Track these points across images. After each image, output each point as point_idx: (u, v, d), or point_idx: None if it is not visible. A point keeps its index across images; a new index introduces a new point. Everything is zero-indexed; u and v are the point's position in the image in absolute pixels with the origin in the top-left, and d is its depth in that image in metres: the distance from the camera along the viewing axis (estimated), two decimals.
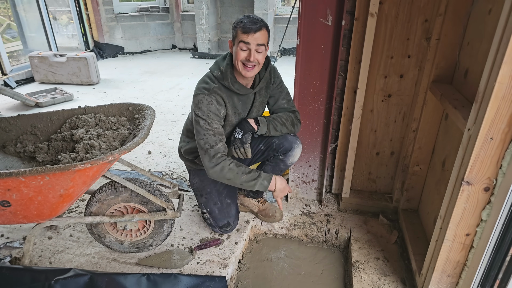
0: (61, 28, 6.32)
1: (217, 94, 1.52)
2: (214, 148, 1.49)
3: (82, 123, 1.67)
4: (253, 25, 1.41)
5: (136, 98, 4.18)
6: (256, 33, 1.42)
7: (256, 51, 1.45)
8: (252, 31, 1.40)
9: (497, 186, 1.09)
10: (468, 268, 1.25)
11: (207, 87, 1.52)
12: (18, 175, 1.17)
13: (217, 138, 1.50)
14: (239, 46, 1.44)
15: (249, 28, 1.40)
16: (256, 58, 1.46)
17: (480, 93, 1.04)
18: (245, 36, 1.42)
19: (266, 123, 1.64)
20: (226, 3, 6.45)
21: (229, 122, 1.60)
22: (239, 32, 1.43)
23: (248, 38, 1.42)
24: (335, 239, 1.92)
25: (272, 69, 1.67)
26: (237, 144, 1.61)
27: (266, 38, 1.47)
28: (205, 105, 1.49)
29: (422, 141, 1.75)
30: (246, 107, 1.65)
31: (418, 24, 1.63)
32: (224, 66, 1.53)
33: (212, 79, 1.54)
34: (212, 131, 1.50)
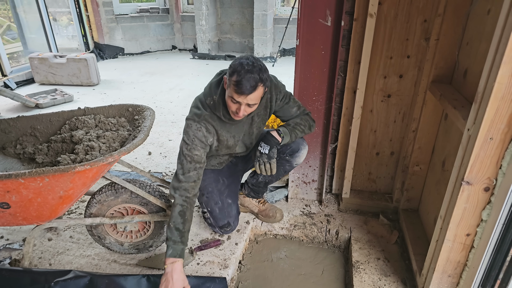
0: (61, 29, 6.32)
1: (208, 122, 1.48)
2: (185, 175, 1.44)
3: (81, 124, 1.67)
4: (247, 88, 1.30)
5: (136, 99, 4.18)
6: (249, 95, 1.32)
7: (248, 106, 1.37)
8: (245, 94, 1.31)
9: (497, 186, 1.09)
10: (468, 268, 1.25)
11: (198, 113, 1.48)
12: (17, 177, 1.17)
13: (192, 166, 1.45)
14: (230, 98, 1.36)
15: (242, 91, 1.30)
16: (246, 112, 1.39)
17: (479, 93, 1.04)
18: (236, 95, 1.33)
19: (289, 134, 1.61)
20: (226, 4, 6.45)
21: (223, 144, 1.58)
22: (232, 87, 1.32)
23: (239, 99, 1.33)
24: (335, 240, 1.92)
25: (273, 87, 1.57)
26: (264, 159, 1.57)
27: (261, 95, 1.37)
28: (193, 130, 1.46)
29: (422, 141, 1.75)
30: (241, 130, 1.61)
31: (417, 24, 1.63)
32: (217, 95, 1.46)
33: (204, 106, 1.50)
34: (191, 157, 1.45)
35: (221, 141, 1.56)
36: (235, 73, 1.31)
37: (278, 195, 2.18)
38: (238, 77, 1.30)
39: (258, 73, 1.31)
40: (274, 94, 1.58)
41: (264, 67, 1.36)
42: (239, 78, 1.29)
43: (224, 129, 1.54)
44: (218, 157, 1.74)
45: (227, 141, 1.57)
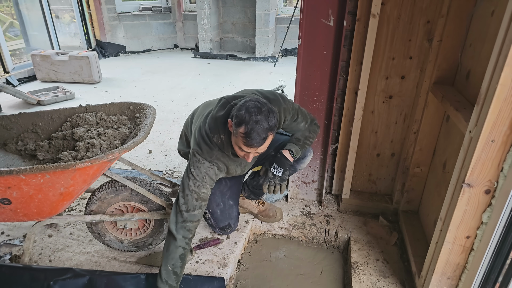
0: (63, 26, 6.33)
1: (219, 161, 1.43)
2: (189, 212, 1.37)
3: (83, 121, 1.67)
4: (257, 141, 1.23)
5: (138, 97, 4.18)
6: (259, 147, 1.26)
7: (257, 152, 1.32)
8: (254, 146, 1.25)
9: (498, 188, 1.09)
10: (468, 271, 1.25)
11: (210, 152, 1.40)
12: (18, 173, 1.17)
13: (198, 204, 1.39)
14: (237, 147, 1.31)
15: (251, 144, 1.23)
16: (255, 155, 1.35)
17: (482, 95, 1.04)
18: (245, 147, 1.27)
19: (300, 151, 1.60)
20: (228, 3, 6.45)
21: (232, 174, 1.54)
22: (240, 138, 1.24)
23: (249, 150, 1.28)
24: (334, 240, 1.92)
25: (282, 111, 1.46)
26: (276, 181, 1.57)
27: (270, 142, 1.30)
28: (205, 167, 1.39)
29: (423, 142, 1.74)
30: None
31: (420, 25, 1.63)
32: (225, 135, 1.37)
33: (213, 144, 1.40)
34: (197, 194, 1.38)
35: (230, 173, 1.53)
36: (243, 125, 1.21)
37: (278, 195, 2.18)
38: (246, 129, 1.21)
39: (267, 120, 1.22)
40: (283, 117, 1.49)
41: (272, 110, 1.26)
42: (247, 130, 1.21)
43: (233, 163, 1.49)
44: None
45: (235, 172, 1.54)
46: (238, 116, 1.23)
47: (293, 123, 1.57)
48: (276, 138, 1.72)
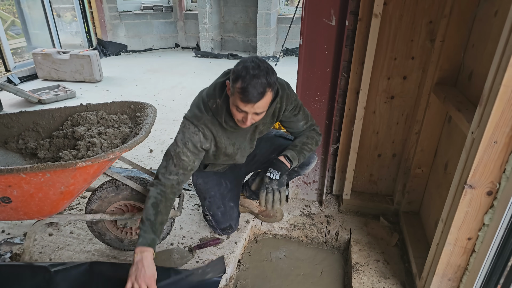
0: (64, 25, 6.33)
1: (206, 127, 1.38)
2: (165, 176, 1.37)
3: (83, 120, 1.67)
4: (254, 95, 1.17)
5: (139, 96, 4.18)
6: (257, 103, 1.19)
7: (255, 114, 1.25)
8: (252, 102, 1.18)
9: (500, 190, 1.08)
10: (469, 273, 1.24)
11: (199, 115, 1.38)
12: (19, 172, 1.17)
13: (175, 170, 1.37)
14: (235, 107, 1.25)
15: (248, 99, 1.18)
16: (254, 121, 1.28)
17: (484, 96, 1.03)
18: (242, 104, 1.20)
19: (297, 158, 1.52)
20: (230, 3, 6.44)
21: (221, 152, 1.48)
22: (237, 95, 1.19)
23: (246, 108, 1.21)
24: (335, 241, 1.92)
25: (285, 96, 1.44)
26: (273, 186, 1.46)
27: (269, 101, 1.25)
28: (189, 133, 1.37)
29: (424, 143, 1.74)
30: (243, 138, 1.51)
31: (422, 25, 1.62)
32: (221, 99, 1.34)
33: (206, 108, 1.38)
34: (177, 161, 1.37)
35: (219, 148, 1.46)
36: (240, 79, 1.17)
37: None
38: (243, 83, 1.17)
39: (266, 76, 1.18)
40: (284, 105, 1.46)
41: (271, 69, 1.23)
42: (244, 85, 1.16)
43: (224, 135, 1.44)
44: (217, 165, 1.68)
45: (225, 149, 1.47)
46: (235, 71, 1.20)
47: (293, 117, 1.52)
48: (279, 142, 1.71)
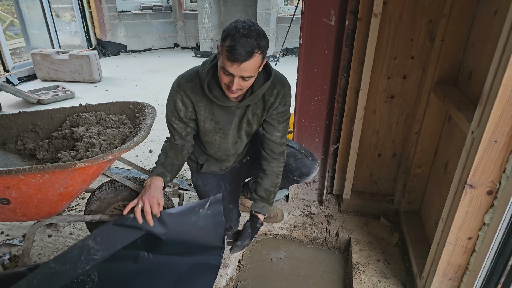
0: (63, 25, 6.32)
1: (185, 94, 1.35)
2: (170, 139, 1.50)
3: (82, 121, 1.67)
4: (242, 54, 1.12)
5: (138, 97, 4.17)
6: (242, 63, 1.14)
7: (242, 79, 1.20)
8: (238, 60, 1.13)
9: (500, 189, 1.08)
10: (469, 272, 1.24)
11: (181, 81, 1.36)
12: (17, 173, 1.17)
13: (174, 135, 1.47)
14: (222, 69, 1.20)
15: (235, 58, 1.12)
16: (241, 85, 1.23)
17: (484, 96, 1.03)
18: (228, 64, 1.15)
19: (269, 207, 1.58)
20: (229, 2, 6.44)
21: (200, 125, 1.44)
22: (224, 54, 1.15)
23: (231, 68, 1.15)
24: (335, 241, 1.91)
25: (282, 95, 1.40)
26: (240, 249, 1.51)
27: (258, 65, 1.19)
28: (172, 100, 1.39)
29: (424, 143, 1.73)
30: (229, 120, 1.44)
31: (422, 25, 1.62)
32: (209, 65, 1.29)
33: (194, 74, 1.35)
34: (172, 128, 1.47)
35: (198, 120, 1.42)
36: (229, 37, 1.13)
37: (279, 195, 2.18)
38: (231, 41, 1.12)
39: (256, 38, 1.13)
40: (277, 103, 1.42)
41: (263, 33, 1.18)
42: (232, 43, 1.11)
43: (206, 107, 1.38)
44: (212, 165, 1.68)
45: (204, 122, 1.41)
46: (226, 30, 1.16)
47: (276, 122, 1.45)
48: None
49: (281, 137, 1.50)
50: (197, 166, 1.72)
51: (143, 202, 1.27)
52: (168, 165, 1.43)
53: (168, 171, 1.41)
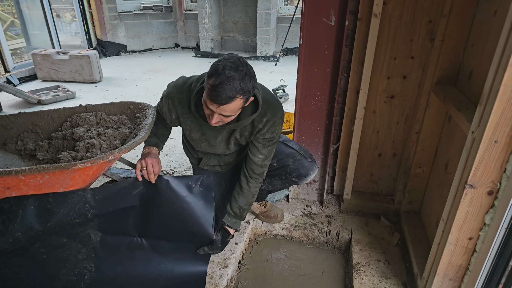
0: (64, 26, 6.33)
1: (173, 105, 1.41)
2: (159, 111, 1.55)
3: (83, 121, 1.66)
4: (222, 98, 1.12)
5: (138, 97, 4.18)
6: (222, 106, 1.15)
7: (222, 116, 1.21)
8: (217, 103, 1.14)
9: (501, 190, 1.08)
10: (470, 272, 1.24)
11: (172, 91, 1.41)
12: (18, 174, 1.17)
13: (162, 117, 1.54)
14: (204, 102, 1.22)
15: (214, 99, 1.13)
16: (221, 120, 1.25)
17: (484, 96, 1.03)
18: (209, 102, 1.16)
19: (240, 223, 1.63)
20: (229, 2, 6.44)
21: (187, 133, 1.51)
22: (207, 90, 1.16)
23: (211, 106, 1.17)
24: (336, 241, 1.91)
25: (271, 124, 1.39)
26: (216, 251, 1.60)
27: (238, 107, 1.19)
28: (161, 102, 1.50)
29: (425, 143, 1.73)
30: (215, 135, 1.47)
31: (422, 25, 1.62)
32: (200, 84, 1.31)
33: (187, 88, 1.38)
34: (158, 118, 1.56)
35: (184, 128, 1.52)
36: (214, 76, 1.13)
37: (279, 195, 2.18)
38: (215, 81, 1.12)
39: (240, 81, 1.13)
40: (266, 130, 1.41)
41: (250, 74, 1.18)
42: (216, 83, 1.12)
43: (194, 120, 1.44)
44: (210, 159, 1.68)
45: (190, 131, 1.48)
46: (213, 65, 1.16)
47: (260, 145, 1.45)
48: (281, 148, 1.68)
49: (263, 160, 1.50)
50: (197, 162, 1.73)
51: (146, 163, 1.39)
52: (160, 135, 1.57)
53: (160, 140, 1.57)
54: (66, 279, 1.34)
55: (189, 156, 1.77)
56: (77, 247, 1.36)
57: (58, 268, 1.33)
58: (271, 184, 1.79)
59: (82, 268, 1.36)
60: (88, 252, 1.38)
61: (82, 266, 1.36)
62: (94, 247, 1.39)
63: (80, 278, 1.36)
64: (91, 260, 1.37)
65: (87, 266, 1.36)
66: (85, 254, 1.37)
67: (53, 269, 1.33)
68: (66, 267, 1.34)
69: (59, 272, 1.33)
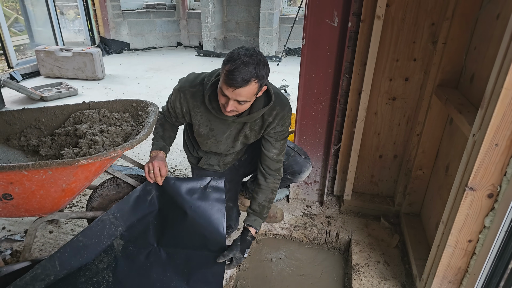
0: (67, 23, 6.34)
1: (185, 98, 1.42)
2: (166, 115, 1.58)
3: (86, 118, 1.67)
4: (238, 81, 1.16)
5: (140, 95, 4.19)
6: (238, 89, 1.19)
7: (237, 102, 1.24)
8: (233, 86, 1.18)
9: (501, 193, 1.08)
10: (469, 275, 1.24)
11: (185, 85, 1.43)
12: (21, 169, 1.18)
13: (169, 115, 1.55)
14: (220, 89, 1.25)
15: (231, 83, 1.18)
16: (237, 108, 1.27)
17: (486, 99, 1.03)
18: (225, 87, 1.21)
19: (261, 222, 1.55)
20: (232, 2, 6.45)
21: (195, 128, 1.49)
22: (222, 76, 1.21)
23: (227, 91, 1.21)
24: (335, 241, 1.92)
25: (280, 117, 1.43)
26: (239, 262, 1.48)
27: (254, 92, 1.23)
28: (172, 96, 1.49)
29: (426, 145, 1.74)
30: (223, 130, 1.48)
31: (424, 27, 1.62)
32: (214, 78, 1.35)
33: (199, 82, 1.41)
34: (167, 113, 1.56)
35: (193, 123, 1.49)
36: (230, 62, 1.19)
37: (279, 195, 2.18)
38: (231, 66, 1.18)
39: (255, 67, 1.18)
40: (276, 123, 1.44)
41: (264, 62, 1.23)
42: (231, 68, 1.17)
43: (203, 114, 1.44)
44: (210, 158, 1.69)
45: (199, 126, 1.48)
46: (229, 54, 1.22)
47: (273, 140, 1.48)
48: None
49: (277, 154, 1.52)
50: (196, 161, 1.73)
51: (153, 165, 1.41)
52: (166, 138, 1.59)
53: (167, 143, 1.59)
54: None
55: (188, 155, 1.77)
56: (100, 256, 1.37)
57: (78, 276, 1.33)
58: None
59: (100, 278, 1.35)
60: (109, 261, 1.38)
61: (101, 276, 1.35)
62: (115, 256, 1.40)
63: None
64: (111, 269, 1.37)
65: (106, 275, 1.36)
66: (106, 264, 1.37)
67: (73, 277, 1.32)
68: (86, 275, 1.34)
69: (78, 281, 1.32)
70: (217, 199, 1.49)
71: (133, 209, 1.44)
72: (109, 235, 1.39)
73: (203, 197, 1.48)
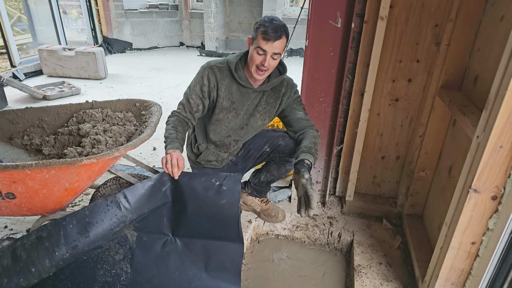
0: (70, 22, 6.37)
1: (212, 72, 1.55)
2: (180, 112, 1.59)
3: (89, 117, 1.68)
4: (274, 33, 1.40)
5: (143, 94, 4.19)
6: (275, 41, 1.41)
7: (272, 58, 1.45)
8: (272, 39, 1.40)
9: (505, 195, 1.08)
10: (472, 277, 1.24)
11: (211, 62, 1.59)
12: (24, 168, 1.18)
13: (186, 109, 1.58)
14: (256, 50, 1.44)
15: (269, 36, 1.40)
16: (270, 64, 1.46)
17: (490, 101, 1.03)
18: (264, 42, 1.42)
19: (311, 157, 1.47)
20: (235, 2, 6.45)
21: (220, 101, 1.58)
22: (259, 36, 1.42)
23: (266, 46, 1.42)
24: (337, 242, 1.91)
25: (290, 85, 1.64)
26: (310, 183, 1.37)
27: (284, 46, 1.46)
28: (199, 76, 1.56)
29: (428, 146, 1.73)
30: (244, 102, 1.60)
31: (428, 29, 1.62)
32: (238, 55, 1.57)
33: (223, 60, 1.59)
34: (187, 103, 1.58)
35: (219, 96, 1.57)
36: (262, 25, 1.41)
37: (281, 196, 2.18)
38: (265, 27, 1.40)
39: (283, 25, 1.43)
40: (289, 92, 1.63)
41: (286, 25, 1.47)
42: (266, 27, 1.39)
43: (228, 87, 1.56)
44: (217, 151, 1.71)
45: (223, 99, 1.58)
46: (258, 21, 1.45)
47: (294, 105, 1.64)
48: (270, 134, 1.74)
49: (304, 114, 1.66)
50: (195, 157, 1.74)
51: (172, 156, 1.40)
52: (181, 139, 1.58)
53: (181, 144, 1.57)
54: (103, 280, 1.34)
55: (188, 150, 1.78)
56: (115, 248, 1.36)
57: (96, 269, 1.33)
58: (269, 171, 1.81)
59: (118, 269, 1.35)
60: (125, 252, 1.37)
61: (119, 267, 1.35)
62: (130, 247, 1.38)
63: (116, 280, 1.35)
64: (128, 261, 1.37)
65: (123, 267, 1.36)
66: (122, 255, 1.37)
67: (92, 271, 1.32)
68: (103, 268, 1.34)
69: (97, 274, 1.32)
70: (232, 196, 1.44)
71: (146, 197, 1.39)
72: (118, 220, 1.34)
73: (218, 194, 1.44)
